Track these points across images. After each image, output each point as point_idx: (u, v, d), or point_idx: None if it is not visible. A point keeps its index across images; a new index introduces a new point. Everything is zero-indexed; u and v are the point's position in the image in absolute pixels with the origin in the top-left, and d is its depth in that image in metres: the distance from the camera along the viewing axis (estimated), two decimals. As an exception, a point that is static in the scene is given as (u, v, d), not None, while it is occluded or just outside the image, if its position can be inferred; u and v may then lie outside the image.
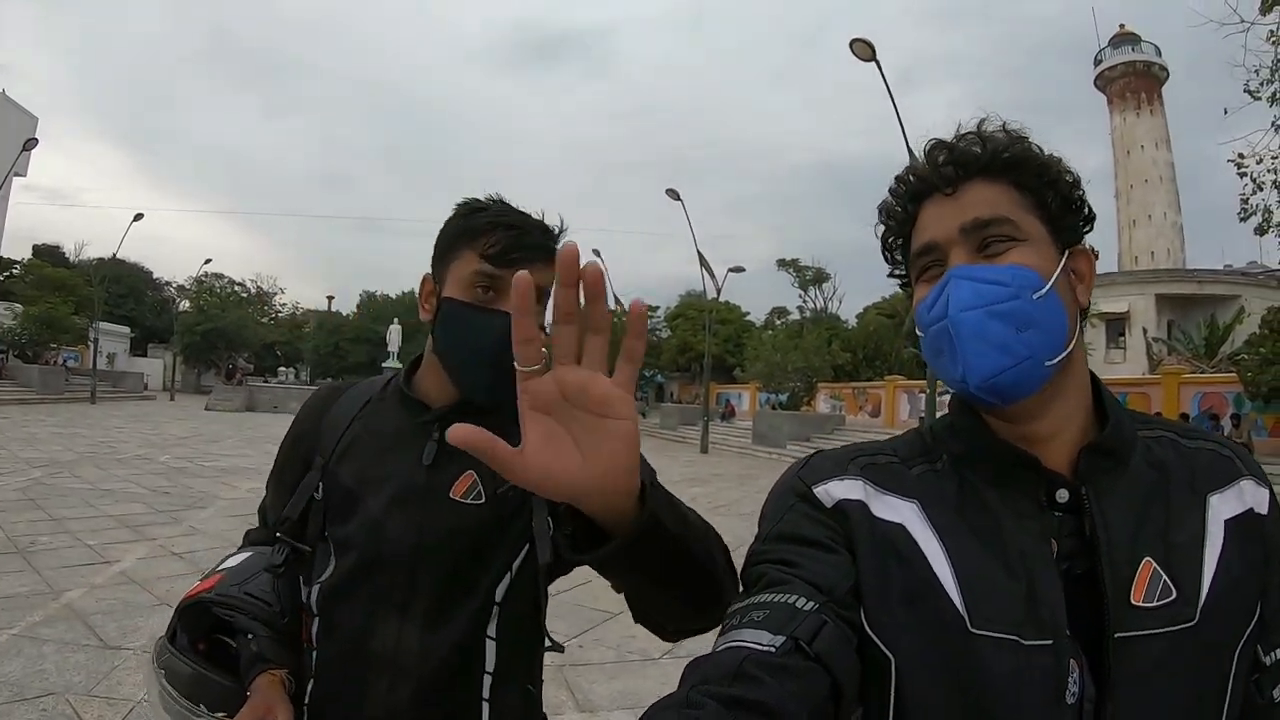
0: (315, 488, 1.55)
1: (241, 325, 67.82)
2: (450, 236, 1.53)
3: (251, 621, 1.51)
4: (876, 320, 50.25)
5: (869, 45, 19.93)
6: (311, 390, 1.71)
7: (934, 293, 1.05)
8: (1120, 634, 0.93)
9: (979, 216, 1.04)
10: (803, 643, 0.90)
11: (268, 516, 1.71)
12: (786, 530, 1.08)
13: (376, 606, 1.45)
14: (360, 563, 1.47)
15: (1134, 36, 59.73)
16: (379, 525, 1.47)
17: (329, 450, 1.57)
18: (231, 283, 79.37)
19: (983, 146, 1.07)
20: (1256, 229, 16.39)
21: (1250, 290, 38.22)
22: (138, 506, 10.96)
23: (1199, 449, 1.10)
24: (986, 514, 1.03)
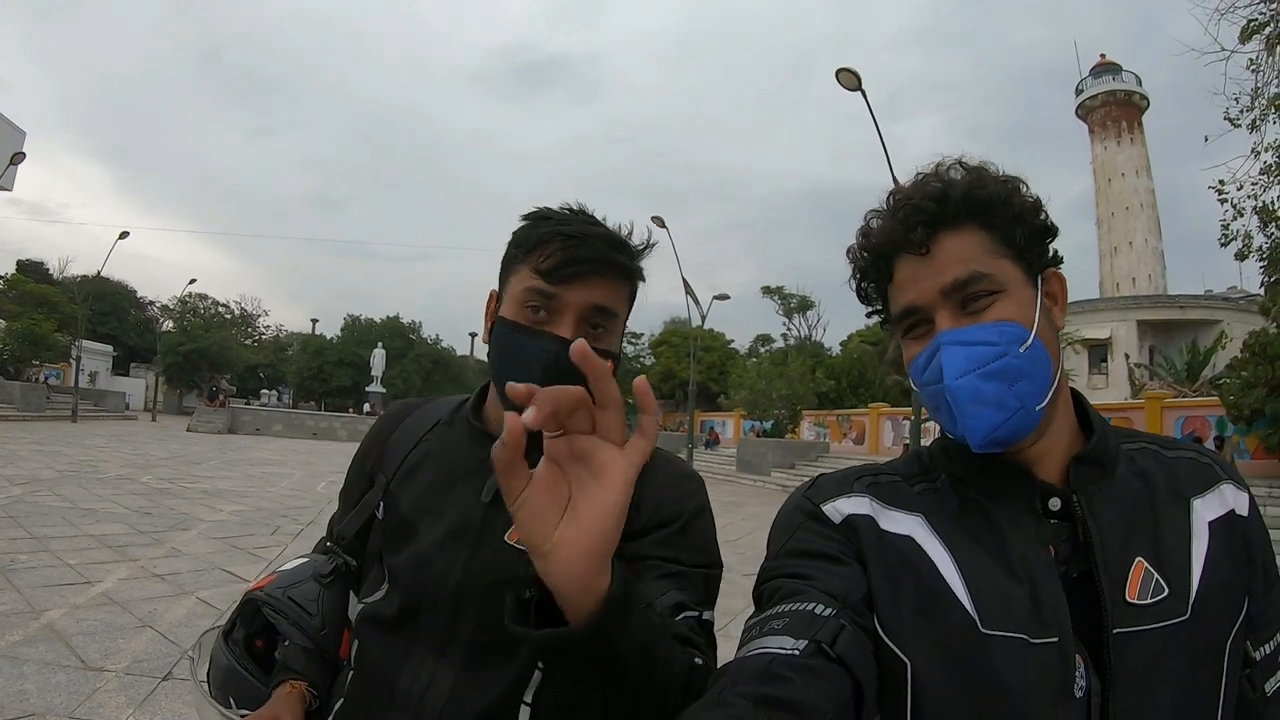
0: (376, 506, 1.48)
1: (225, 346, 67.48)
2: (511, 249, 1.40)
3: (291, 627, 1.45)
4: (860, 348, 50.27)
5: (855, 75, 20.08)
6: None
7: (925, 356, 1.09)
8: (1119, 630, 0.98)
9: (957, 277, 1.06)
10: (825, 645, 0.94)
11: (333, 529, 1.62)
12: (797, 546, 1.12)
13: (413, 643, 1.35)
14: (404, 596, 1.37)
15: (1115, 66, 60.26)
16: (427, 560, 1.36)
17: (392, 470, 1.49)
18: (216, 303, 78.96)
19: (944, 194, 1.08)
20: (1237, 254, 16.55)
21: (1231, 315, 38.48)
22: (119, 527, 10.86)
23: (1179, 457, 1.16)
24: (987, 524, 1.08)
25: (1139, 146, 59.50)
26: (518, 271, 1.36)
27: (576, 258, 1.32)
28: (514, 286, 1.36)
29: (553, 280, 1.32)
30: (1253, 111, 15.12)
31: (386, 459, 1.52)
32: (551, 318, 1.32)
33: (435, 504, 1.41)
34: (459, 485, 1.41)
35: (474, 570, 1.33)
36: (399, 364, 64.89)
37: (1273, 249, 16.36)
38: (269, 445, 33.08)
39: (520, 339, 1.33)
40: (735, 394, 41.25)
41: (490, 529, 1.35)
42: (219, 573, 8.55)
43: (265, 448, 30.74)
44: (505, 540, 1.33)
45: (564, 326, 1.31)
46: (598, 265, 1.33)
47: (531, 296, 1.32)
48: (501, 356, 1.36)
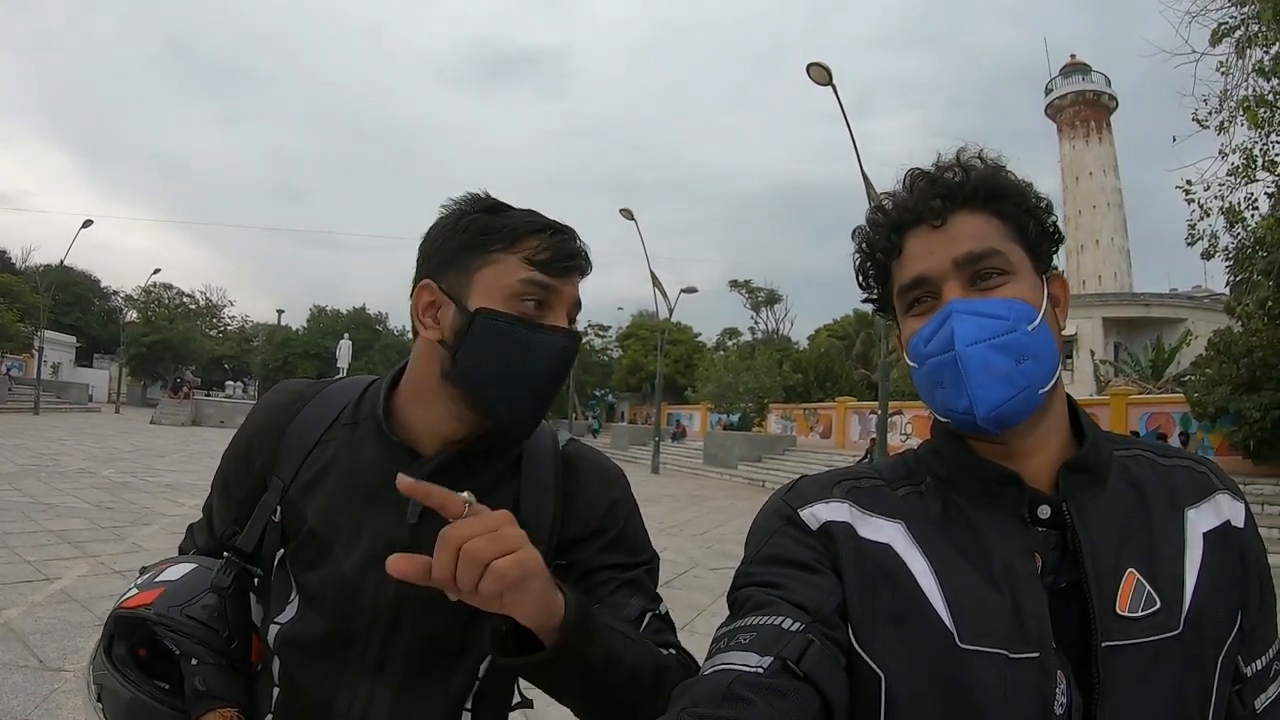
0: (274, 512, 1.35)
1: (189, 338, 67.26)
2: (470, 236, 1.29)
3: (196, 646, 1.33)
4: (828, 342, 50.80)
5: (826, 70, 20.13)
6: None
7: (932, 325, 1.06)
8: (1108, 643, 0.95)
9: (972, 250, 1.05)
10: (790, 662, 0.92)
11: (213, 524, 1.51)
12: (772, 553, 1.09)
13: (346, 666, 1.29)
14: (331, 623, 1.29)
15: (1084, 66, 60.99)
16: (353, 586, 1.29)
17: (289, 475, 1.36)
18: (180, 294, 78.77)
19: (965, 176, 1.08)
20: (1203, 254, 16.74)
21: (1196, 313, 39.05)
22: (79, 522, 10.72)
23: (1175, 466, 1.13)
24: (971, 532, 1.05)
25: (1107, 146, 60.26)
26: (497, 262, 1.27)
27: (572, 251, 1.30)
28: (495, 278, 1.27)
29: (552, 272, 1.27)
30: (1221, 113, 15.31)
31: (282, 459, 1.39)
32: (545, 311, 1.28)
33: (349, 523, 1.32)
34: (374, 503, 1.32)
35: (404, 594, 1.24)
36: (365, 355, 64.68)
37: (1238, 249, 16.59)
38: (234, 438, 32.68)
39: (526, 334, 1.26)
40: (702, 387, 41.49)
41: (420, 550, 1.21)
42: None
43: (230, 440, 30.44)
44: None
45: (559, 319, 1.29)
46: (582, 260, 1.32)
47: (530, 289, 1.26)
48: (498, 352, 1.26)
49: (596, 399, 66.66)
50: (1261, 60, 14.77)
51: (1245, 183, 15.78)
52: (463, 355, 1.27)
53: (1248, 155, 15.47)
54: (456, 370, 1.28)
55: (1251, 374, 16.57)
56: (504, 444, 1.35)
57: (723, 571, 10.22)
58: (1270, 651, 1.06)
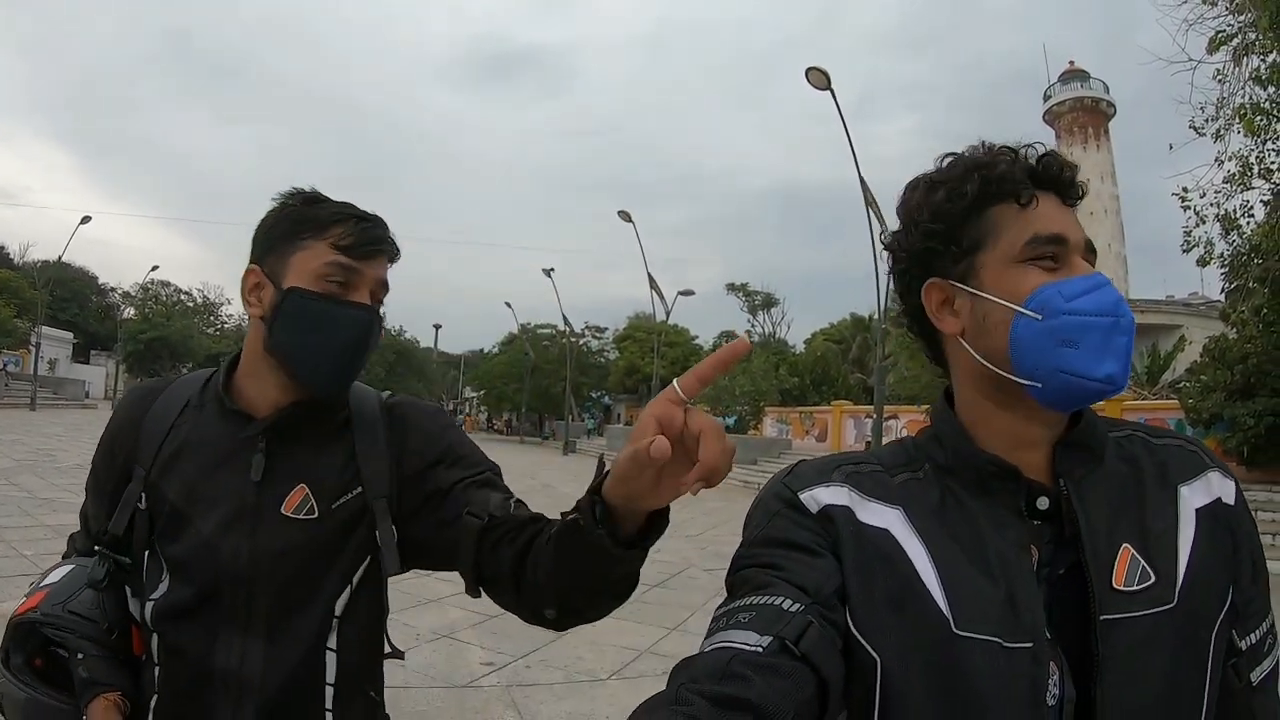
0: (138, 499, 1.48)
1: (187, 335, 67.10)
2: (288, 225, 1.46)
3: (80, 640, 1.44)
4: (824, 346, 50.69)
5: (824, 74, 20.22)
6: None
7: (1081, 284, 1.04)
8: (1105, 616, 0.97)
9: (1090, 241, 1.10)
10: (789, 642, 0.92)
11: (89, 524, 1.63)
12: (771, 534, 1.09)
13: (218, 626, 1.41)
14: (198, 586, 1.42)
15: (1083, 73, 60.94)
16: (212, 547, 1.42)
17: (149, 461, 1.49)
18: (178, 291, 78.58)
19: (1083, 183, 1.15)
20: (1199, 261, 16.74)
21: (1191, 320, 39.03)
22: (75, 517, 10.57)
23: (1166, 445, 1.15)
24: (968, 521, 1.06)
25: (1105, 153, 60.21)
26: (308, 248, 1.44)
27: (374, 236, 1.46)
28: (307, 261, 1.43)
29: (355, 255, 1.43)
30: (1217, 121, 15.33)
31: (141, 449, 1.51)
32: (349, 290, 1.44)
33: (205, 492, 1.45)
34: (225, 469, 1.46)
35: (260, 547, 1.42)
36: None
37: (1234, 256, 16.57)
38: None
39: (330, 308, 1.43)
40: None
41: (266, 505, 1.44)
42: None
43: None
44: (282, 513, 1.44)
45: (362, 297, 1.44)
46: (385, 244, 1.49)
47: (335, 270, 1.42)
48: (305, 324, 1.42)
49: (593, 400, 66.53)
50: (1258, 68, 14.79)
51: (1241, 190, 15.80)
52: (277, 328, 1.44)
53: (1244, 163, 15.48)
54: (273, 341, 1.45)
55: (1246, 381, 16.54)
56: (328, 406, 1.50)
57: (717, 572, 10.11)
58: (1264, 625, 1.08)
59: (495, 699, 5.25)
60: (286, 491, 1.45)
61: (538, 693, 5.46)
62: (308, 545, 1.44)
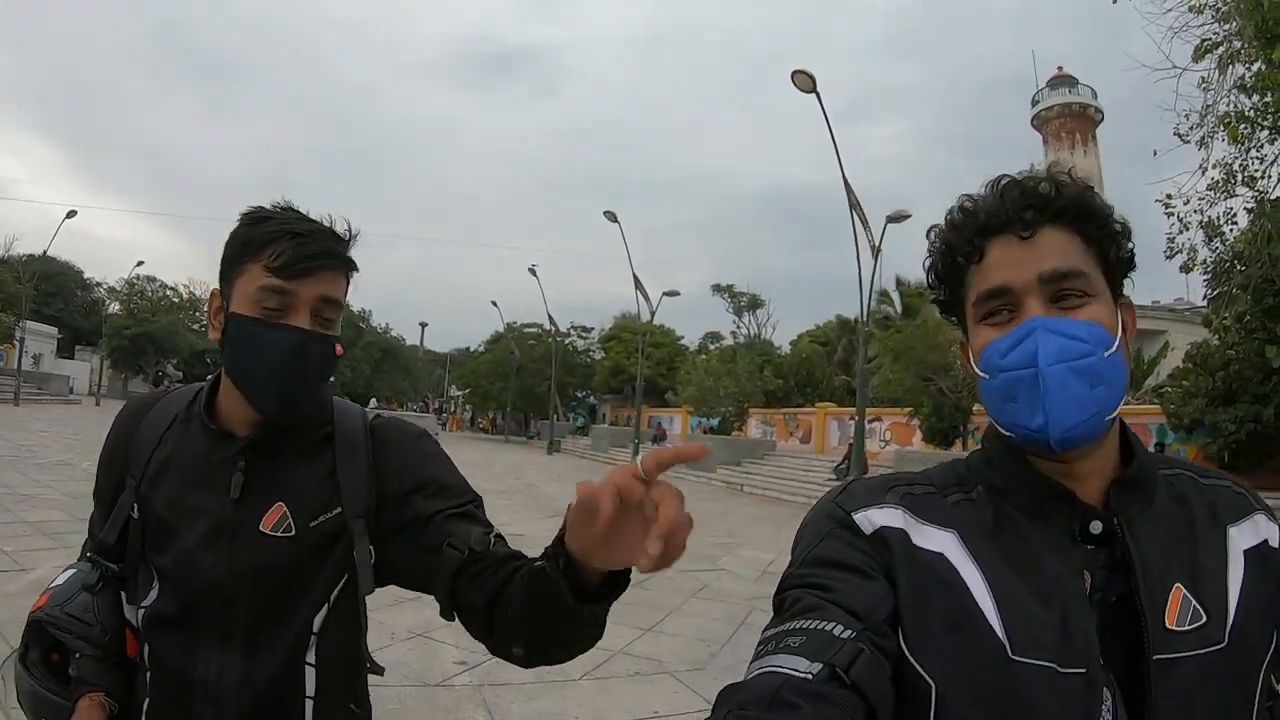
0: (130, 508, 1.53)
1: (172, 331, 66.65)
2: (235, 249, 1.46)
3: (76, 641, 1.50)
4: (809, 347, 50.54)
5: (810, 77, 20.27)
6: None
7: (1011, 338, 1.05)
8: (1158, 656, 0.96)
9: (1058, 267, 1.05)
10: (840, 670, 0.91)
11: (93, 530, 1.68)
12: (824, 555, 1.08)
13: (199, 636, 1.45)
14: (180, 595, 1.46)
15: (1071, 79, 61.02)
16: (194, 560, 1.45)
17: (139, 472, 1.54)
18: (163, 286, 77.78)
19: (1057, 191, 1.07)
20: (1182, 267, 16.80)
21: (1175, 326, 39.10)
22: (57, 514, 10.67)
23: (1215, 485, 1.15)
24: (1022, 544, 1.06)
25: (1092, 158, 60.29)
26: (247, 271, 1.43)
27: (305, 254, 1.42)
28: (246, 285, 1.43)
29: (285, 276, 1.41)
30: (1202, 128, 15.38)
31: (133, 459, 1.56)
32: (286, 312, 1.42)
33: (188, 504, 1.49)
34: (205, 485, 1.49)
35: (238, 562, 1.45)
36: (349, 353, 64.07)
37: (1217, 263, 16.66)
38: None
39: (261, 332, 1.41)
40: (683, 390, 41.27)
41: (244, 522, 1.47)
42: None
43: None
44: (260, 530, 1.47)
45: (299, 318, 1.42)
46: (324, 259, 1.45)
47: (266, 295, 1.41)
48: (243, 350, 1.44)
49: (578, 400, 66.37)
50: (1243, 76, 14.87)
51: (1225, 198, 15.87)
52: (226, 353, 1.47)
53: (1227, 170, 15.55)
54: (227, 368, 1.49)
55: (1228, 387, 16.65)
56: (305, 424, 1.52)
57: (693, 574, 10.25)
58: None
59: (467, 698, 5.25)
60: (265, 509, 1.47)
61: (509, 692, 5.44)
62: (285, 563, 1.46)
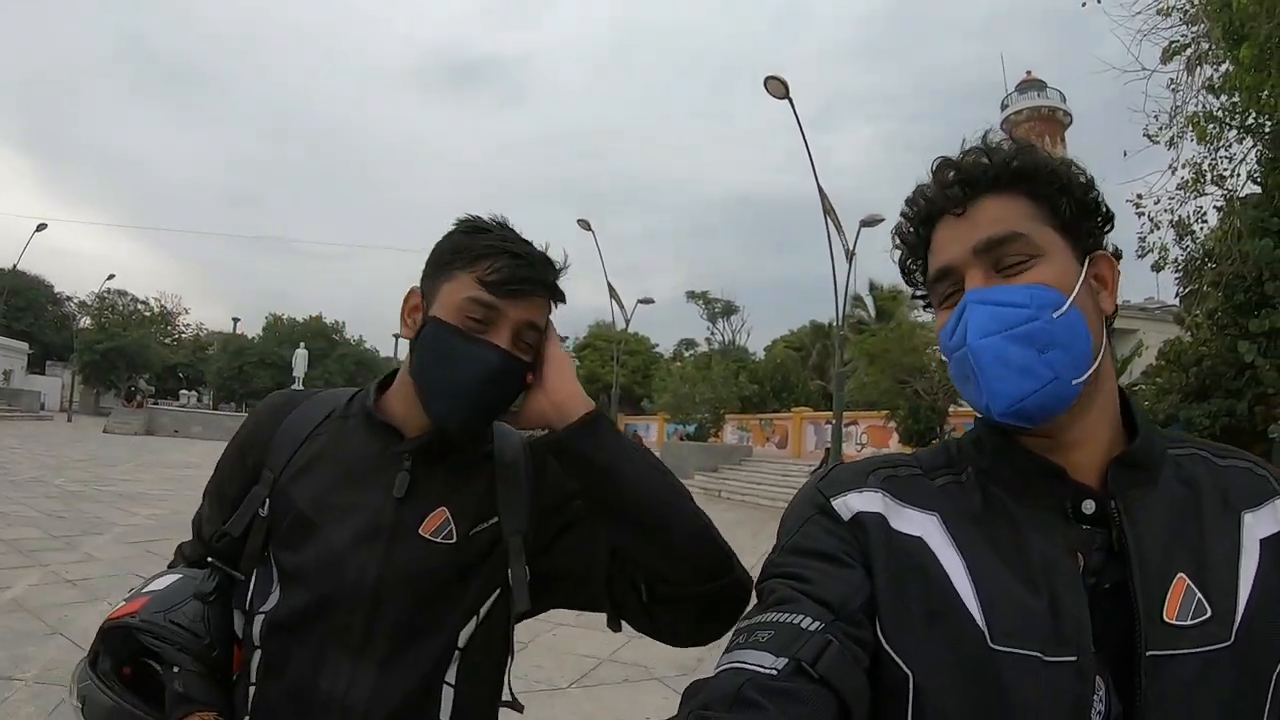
0: (261, 503, 1.43)
1: (143, 345, 66.07)
2: (446, 253, 1.41)
3: (179, 654, 1.36)
4: (784, 353, 50.93)
5: (783, 83, 20.33)
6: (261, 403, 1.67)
7: (953, 319, 1.03)
8: (1152, 652, 0.90)
9: (991, 236, 1.02)
10: (806, 664, 0.89)
11: (203, 530, 1.56)
12: (800, 543, 1.06)
13: (329, 646, 1.34)
14: (315, 599, 1.35)
15: (1040, 83, 61.67)
16: (339, 560, 1.36)
17: (280, 465, 1.45)
18: (135, 300, 77.40)
19: (989, 159, 1.05)
20: (1153, 266, 16.90)
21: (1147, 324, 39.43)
22: (31, 531, 10.53)
23: (1232, 466, 1.06)
24: (1010, 527, 1.01)
25: (1061, 160, 60.89)
26: (456, 278, 1.38)
27: (521, 275, 1.36)
28: (452, 293, 1.38)
29: (496, 292, 1.35)
30: (1171, 129, 15.50)
31: (273, 453, 1.48)
32: (489, 328, 1.36)
33: (338, 502, 1.41)
34: (364, 482, 1.42)
35: (391, 567, 1.36)
36: (322, 364, 63.91)
37: (1188, 261, 16.79)
38: (188, 447, 32.11)
39: (460, 343, 1.35)
40: (659, 398, 41.49)
41: (404, 525, 1.39)
42: (134, 578, 7.94)
43: (184, 449, 30.00)
44: (420, 534, 1.39)
45: (501, 338, 1.36)
46: (537, 285, 1.39)
47: (474, 307, 1.35)
48: (437, 356, 1.38)
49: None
50: (1211, 77, 14.99)
51: (1194, 196, 15.96)
52: (415, 355, 1.41)
53: (1197, 170, 15.65)
54: (412, 368, 1.41)
55: (1201, 383, 16.75)
56: (472, 437, 1.46)
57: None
58: None
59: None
60: (427, 512, 1.41)
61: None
62: (441, 570, 1.39)
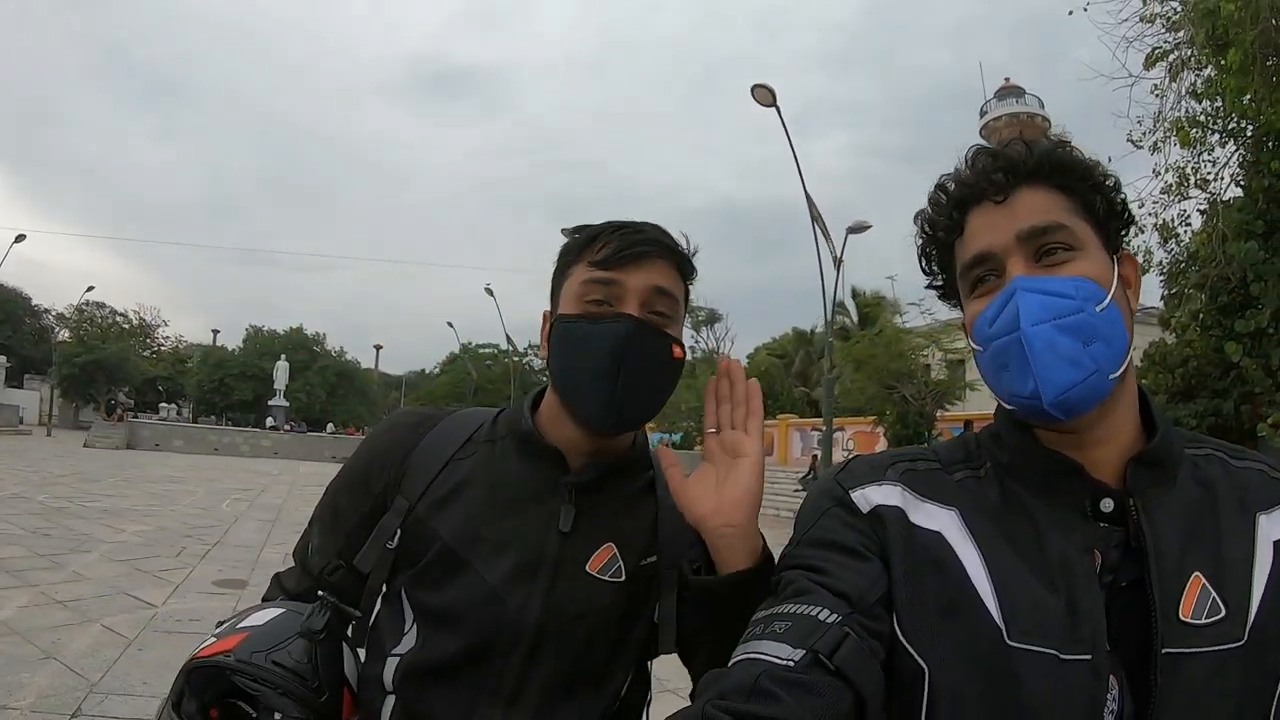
0: (391, 536, 1.32)
1: (123, 358, 65.72)
2: (561, 259, 1.35)
3: (280, 698, 1.21)
4: (768, 360, 51.15)
5: (770, 91, 20.38)
6: (395, 420, 1.52)
7: (996, 305, 1.02)
8: (1168, 650, 0.91)
9: (1035, 224, 1.02)
10: (823, 656, 0.89)
11: (310, 560, 1.43)
12: (819, 535, 1.06)
13: (479, 694, 1.24)
14: (466, 643, 1.24)
15: (1018, 89, 62.18)
16: (495, 598, 1.25)
17: (417, 492, 1.32)
18: (114, 312, 77.03)
19: (1028, 151, 1.05)
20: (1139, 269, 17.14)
21: (1131, 328, 39.96)
22: (16, 549, 10.34)
23: (1248, 468, 1.07)
24: (1028, 524, 1.01)
25: (1039, 165, 61.39)
26: (572, 274, 1.32)
27: (633, 240, 1.29)
28: (570, 287, 1.32)
29: (611, 266, 1.28)
30: (1155, 134, 15.67)
31: (408, 479, 1.35)
32: (614, 306, 1.28)
33: (492, 534, 1.29)
34: (522, 512, 1.31)
35: (554, 606, 1.26)
36: (303, 377, 63.91)
37: (1172, 264, 16.99)
38: (170, 461, 32.09)
39: (584, 327, 1.27)
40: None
41: (571, 560, 1.28)
42: (124, 597, 8.17)
43: (166, 464, 29.90)
44: (588, 571, 1.29)
45: (628, 309, 1.27)
46: (655, 246, 1.30)
47: (591, 288, 1.28)
48: (566, 352, 1.29)
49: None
50: (1194, 83, 15.20)
51: (1178, 200, 16.21)
52: (551, 363, 1.33)
53: (1180, 174, 15.90)
54: (551, 380, 1.34)
55: (1187, 383, 16.93)
56: (634, 464, 1.39)
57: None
58: None
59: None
60: (594, 548, 1.30)
61: None
62: (609, 610, 1.29)
